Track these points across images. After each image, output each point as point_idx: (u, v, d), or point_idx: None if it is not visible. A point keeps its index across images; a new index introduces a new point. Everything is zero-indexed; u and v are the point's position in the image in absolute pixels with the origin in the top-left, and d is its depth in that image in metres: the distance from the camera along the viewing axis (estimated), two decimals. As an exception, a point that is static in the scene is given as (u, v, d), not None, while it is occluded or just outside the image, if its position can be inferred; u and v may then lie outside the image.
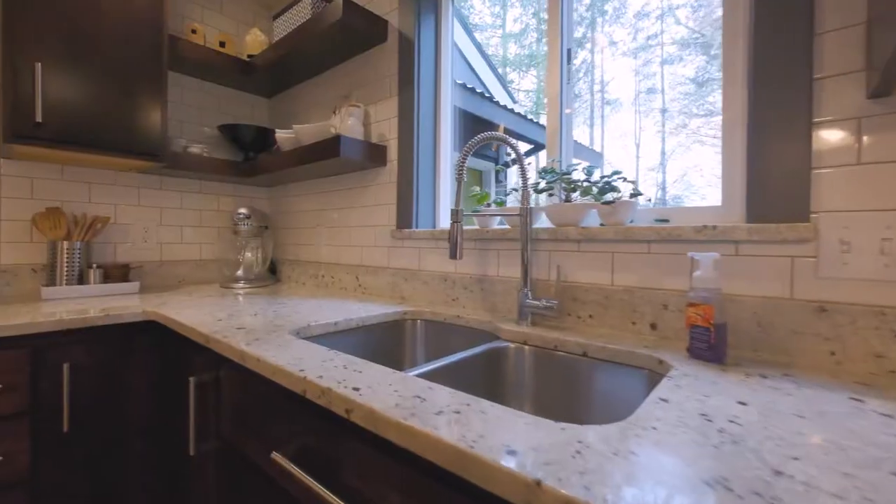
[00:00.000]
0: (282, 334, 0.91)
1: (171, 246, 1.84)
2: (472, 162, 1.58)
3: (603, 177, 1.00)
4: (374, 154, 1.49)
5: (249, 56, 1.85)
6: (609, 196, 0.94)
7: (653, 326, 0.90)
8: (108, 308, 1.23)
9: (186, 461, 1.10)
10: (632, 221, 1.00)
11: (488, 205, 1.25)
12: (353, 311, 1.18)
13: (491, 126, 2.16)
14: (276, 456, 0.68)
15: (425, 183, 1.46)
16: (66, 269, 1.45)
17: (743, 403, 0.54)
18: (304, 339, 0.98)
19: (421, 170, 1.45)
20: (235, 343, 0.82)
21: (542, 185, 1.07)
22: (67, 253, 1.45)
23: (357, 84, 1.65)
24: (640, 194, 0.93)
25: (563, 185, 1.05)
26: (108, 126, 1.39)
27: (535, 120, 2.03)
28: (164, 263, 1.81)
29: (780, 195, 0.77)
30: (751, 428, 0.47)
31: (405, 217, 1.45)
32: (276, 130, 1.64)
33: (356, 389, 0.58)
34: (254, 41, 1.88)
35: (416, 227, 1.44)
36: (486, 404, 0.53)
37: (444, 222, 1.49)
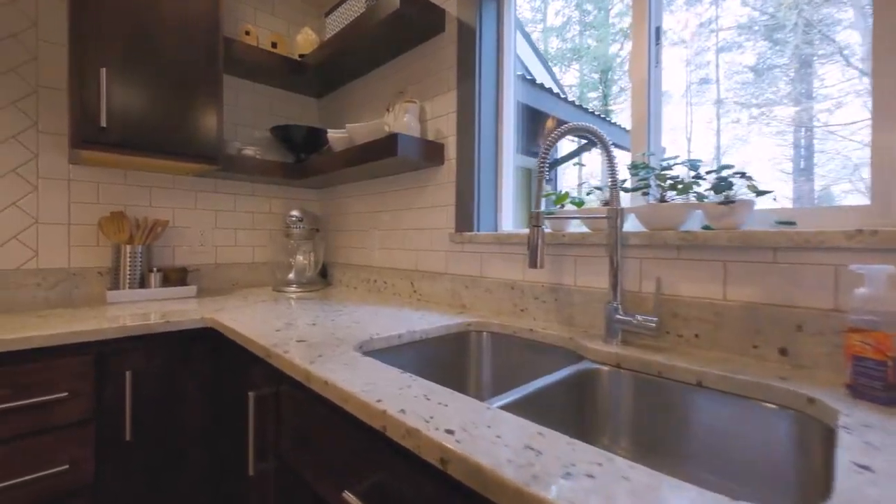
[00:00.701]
0: (346, 350, 0.83)
1: (226, 249, 1.84)
2: (519, 160, 1.48)
3: (710, 171, 0.85)
4: (431, 152, 1.40)
5: (301, 56, 1.82)
6: (725, 195, 0.79)
7: (782, 352, 0.75)
8: (168, 313, 1.21)
9: (244, 478, 1.05)
10: (746, 225, 0.84)
11: (561, 206, 1.13)
12: (413, 322, 1.09)
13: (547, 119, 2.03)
14: (348, 496, 0.59)
15: (486, 183, 1.35)
16: (128, 272, 1.46)
17: None
18: (367, 353, 0.90)
19: (482, 168, 1.34)
20: (299, 361, 0.75)
21: (634, 182, 0.93)
22: (130, 257, 1.46)
23: (411, 79, 1.57)
24: (767, 193, 0.77)
25: (658, 182, 0.91)
26: (168, 130, 1.38)
27: (602, 116, 1.87)
28: (219, 266, 1.81)
29: (976, 191, 0.60)
30: None
31: (465, 219, 1.35)
32: (328, 130, 1.58)
33: (450, 433, 0.48)
34: (305, 40, 1.85)
35: (478, 230, 1.33)
36: (622, 464, 0.42)
37: (507, 225, 1.38)
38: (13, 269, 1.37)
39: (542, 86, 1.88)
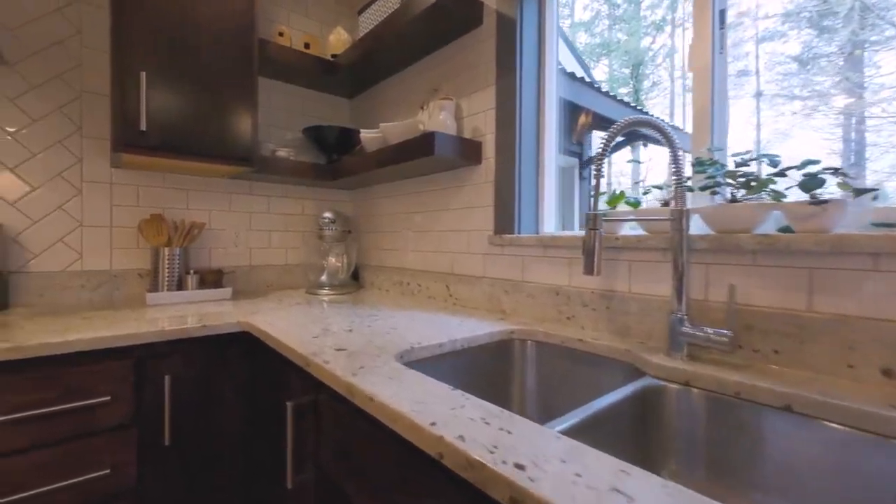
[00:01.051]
0: (387, 360, 0.78)
1: (260, 251, 1.84)
2: (560, 159, 1.42)
3: (790, 167, 0.76)
4: (468, 151, 1.34)
5: (333, 56, 1.80)
6: (812, 194, 0.70)
7: (886, 374, 0.65)
8: (205, 316, 1.20)
9: (280, 483, 1.02)
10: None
11: (613, 207, 1.05)
12: (452, 328, 1.04)
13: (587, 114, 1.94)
14: (398, 525, 0.55)
15: (527, 182, 1.29)
16: (167, 274, 1.47)
17: None
18: (408, 364, 0.85)
19: (523, 167, 1.27)
20: (341, 373, 0.71)
21: (700, 180, 0.85)
22: (168, 259, 1.47)
23: (446, 76, 1.52)
24: (870, 191, 0.68)
25: (728, 179, 0.82)
26: (205, 132, 1.38)
27: (642, 110, 1.77)
28: (253, 268, 1.81)
29: None
30: None
31: (505, 221, 1.29)
32: (361, 130, 1.55)
33: (520, 468, 0.42)
34: (337, 40, 1.82)
35: (518, 231, 1.26)
36: (737, 519, 0.35)
37: (548, 226, 1.31)
38: (59, 271, 1.40)
39: (582, 80, 1.79)
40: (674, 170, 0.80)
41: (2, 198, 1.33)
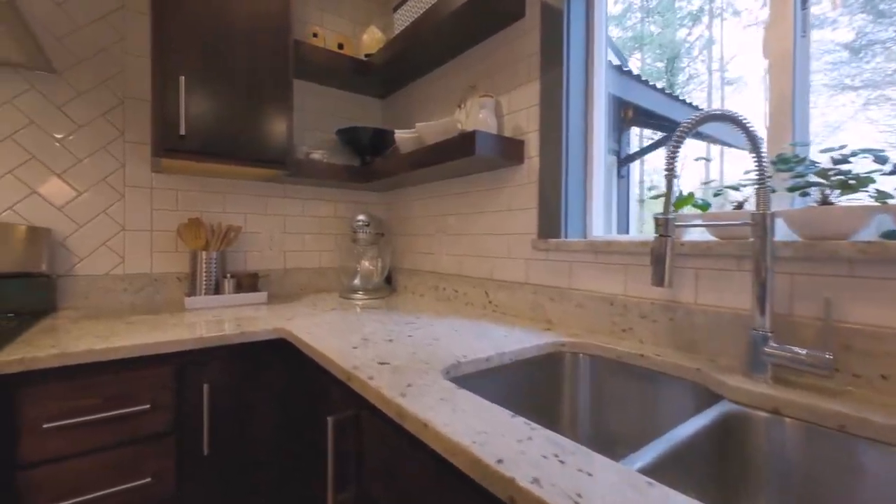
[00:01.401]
0: (435, 377, 0.73)
1: (294, 254, 1.83)
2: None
3: (901, 165, 0.66)
4: (510, 150, 1.28)
5: (367, 55, 1.77)
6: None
7: None
8: (243, 321, 1.18)
9: (314, 488, 0.99)
10: (959, 233, 0.64)
11: (676, 210, 0.96)
12: (497, 339, 0.98)
13: (629, 109, 1.83)
14: (458, 570, 0.49)
15: (574, 183, 1.21)
16: (204, 278, 1.47)
17: None
18: (455, 379, 0.80)
19: (570, 167, 1.20)
20: (388, 393, 0.66)
21: (785, 179, 0.75)
22: (206, 263, 1.47)
23: (485, 72, 1.45)
24: None
25: (820, 178, 0.72)
26: (242, 136, 1.37)
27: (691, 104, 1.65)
28: (287, 271, 1.80)
29: None
30: None
31: (550, 224, 1.21)
32: (396, 131, 1.51)
33: (616, 526, 0.36)
34: (371, 40, 1.79)
35: (565, 235, 1.19)
36: None
37: (597, 230, 1.22)
38: (103, 275, 1.43)
39: (629, 73, 1.69)
40: (757, 168, 0.71)
41: (50, 203, 1.36)
